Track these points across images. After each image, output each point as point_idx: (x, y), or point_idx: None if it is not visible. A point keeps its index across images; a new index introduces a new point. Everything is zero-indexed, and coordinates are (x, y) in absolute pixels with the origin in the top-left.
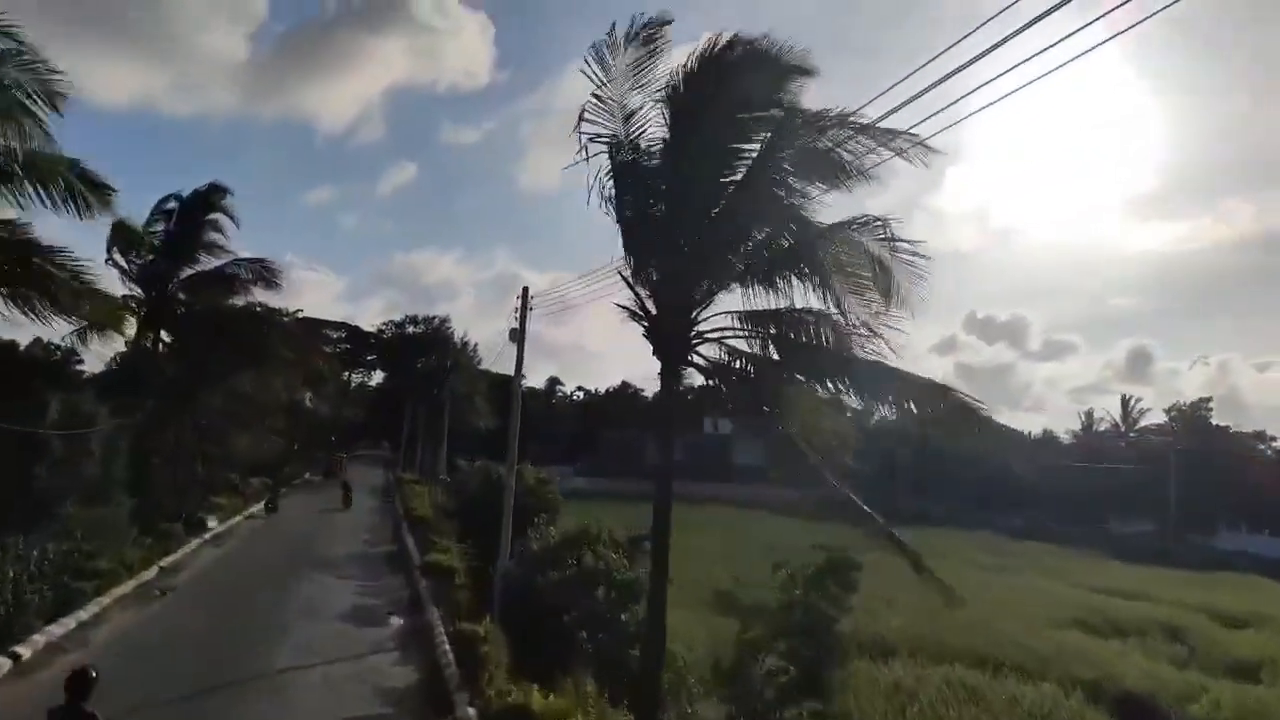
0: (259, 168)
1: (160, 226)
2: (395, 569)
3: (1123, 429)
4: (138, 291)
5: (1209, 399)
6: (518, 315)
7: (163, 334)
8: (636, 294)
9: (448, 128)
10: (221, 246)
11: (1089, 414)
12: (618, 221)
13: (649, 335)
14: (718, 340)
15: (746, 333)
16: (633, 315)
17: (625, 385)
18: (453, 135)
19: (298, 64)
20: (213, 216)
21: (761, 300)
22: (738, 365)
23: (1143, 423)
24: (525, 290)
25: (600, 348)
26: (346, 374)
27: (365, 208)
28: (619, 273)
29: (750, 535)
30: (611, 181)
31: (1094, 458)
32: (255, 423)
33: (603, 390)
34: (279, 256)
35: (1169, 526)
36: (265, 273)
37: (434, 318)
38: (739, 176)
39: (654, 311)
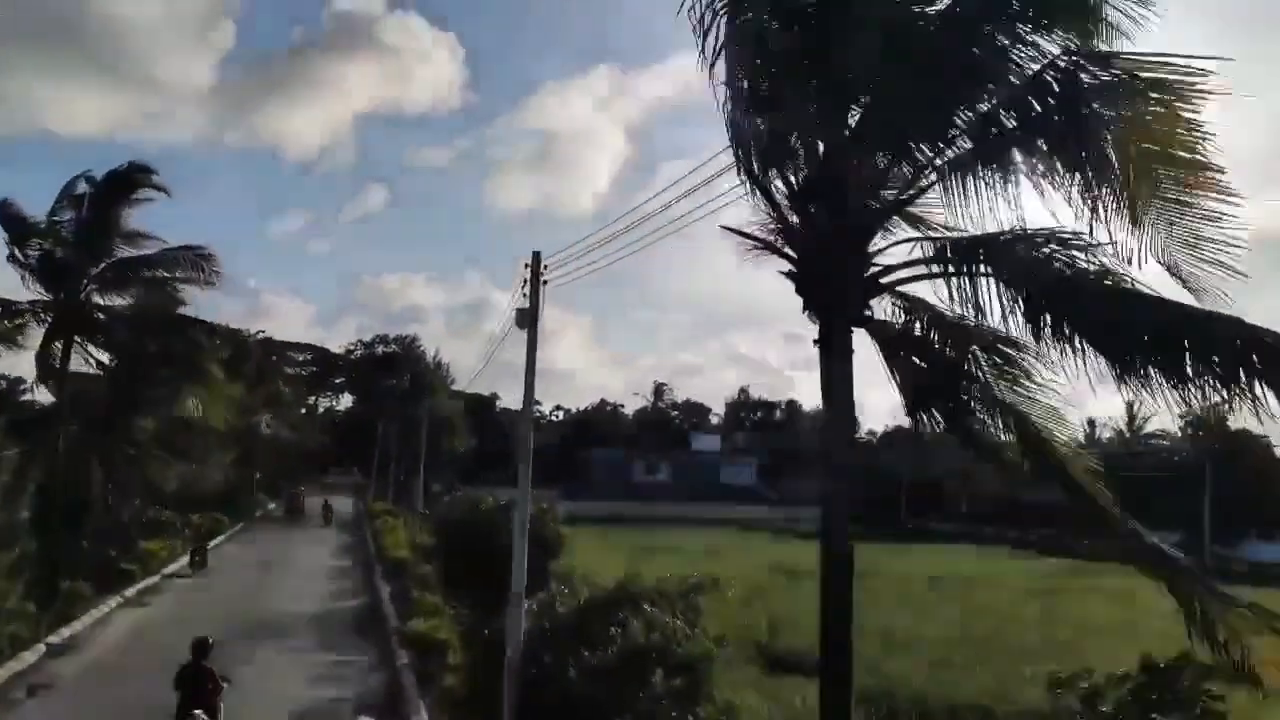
0: (227, 195)
1: (69, 215)
2: (366, 634)
3: (1128, 436)
4: (44, 295)
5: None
6: (526, 290)
7: (87, 346)
8: (772, 203)
9: (418, 150)
10: (146, 235)
11: (1090, 422)
12: (733, 72)
13: (796, 275)
14: (892, 287)
15: (958, 270)
16: (763, 245)
17: (604, 403)
18: (423, 158)
19: (266, 90)
20: (138, 197)
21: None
22: (917, 326)
23: (1147, 429)
24: (536, 256)
25: (571, 366)
26: (314, 398)
27: (335, 233)
28: (737, 156)
29: (765, 563)
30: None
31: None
32: (200, 451)
33: (578, 409)
34: (246, 283)
35: (1202, 538)
36: (200, 262)
37: (404, 336)
38: None
39: (803, 231)
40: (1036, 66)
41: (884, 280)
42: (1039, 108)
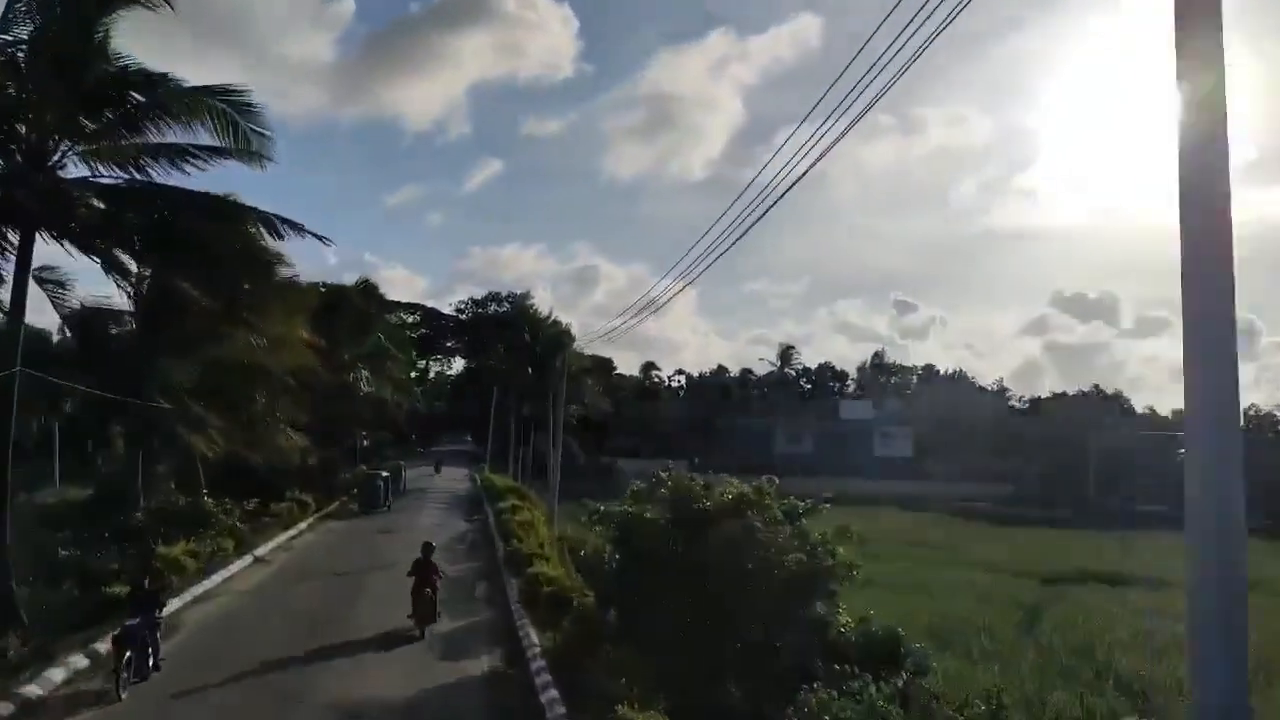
0: (345, 168)
1: (24, 28)
2: None
3: None
4: None
5: None
6: None
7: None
8: None
9: (532, 122)
10: (150, 73)
11: None
12: None
13: None
14: None
15: None
16: None
17: (722, 369)
18: (536, 129)
19: (383, 64)
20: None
21: None
22: None
23: None
24: None
25: (682, 338)
26: (424, 362)
27: (450, 205)
28: None
29: (983, 560)
30: None
31: None
32: (271, 411)
33: (701, 374)
34: (362, 256)
35: None
36: (232, 115)
37: (518, 293)
38: None
39: None
40: None
41: None
42: None
